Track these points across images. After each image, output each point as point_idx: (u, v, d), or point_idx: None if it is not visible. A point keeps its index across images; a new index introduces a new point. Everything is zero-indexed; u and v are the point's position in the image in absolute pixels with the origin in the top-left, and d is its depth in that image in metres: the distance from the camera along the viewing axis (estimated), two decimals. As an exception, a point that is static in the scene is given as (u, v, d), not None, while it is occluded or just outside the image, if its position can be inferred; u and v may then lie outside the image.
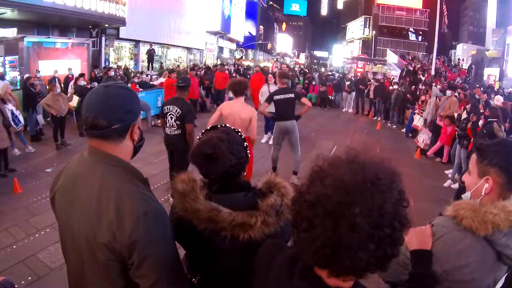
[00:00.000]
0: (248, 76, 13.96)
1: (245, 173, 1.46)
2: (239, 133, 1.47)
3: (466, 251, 1.24)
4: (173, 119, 4.63)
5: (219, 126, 1.48)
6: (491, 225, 1.21)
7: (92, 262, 1.20)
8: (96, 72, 11.47)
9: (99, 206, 1.17)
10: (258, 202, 1.29)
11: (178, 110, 4.60)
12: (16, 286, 2.14)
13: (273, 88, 8.57)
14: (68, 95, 8.21)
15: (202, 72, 14.29)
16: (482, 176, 1.33)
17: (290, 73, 9.64)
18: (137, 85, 10.97)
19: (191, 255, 1.45)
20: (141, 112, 1.44)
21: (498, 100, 8.15)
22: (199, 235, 1.28)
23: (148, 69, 17.00)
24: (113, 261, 1.17)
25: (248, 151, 1.45)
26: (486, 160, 1.32)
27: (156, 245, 1.17)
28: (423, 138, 8.87)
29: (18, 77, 9.89)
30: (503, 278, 1.28)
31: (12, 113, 6.39)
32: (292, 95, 5.77)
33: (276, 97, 5.68)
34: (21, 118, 6.69)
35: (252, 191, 1.38)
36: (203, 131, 1.48)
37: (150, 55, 17.83)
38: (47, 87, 8.96)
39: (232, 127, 1.48)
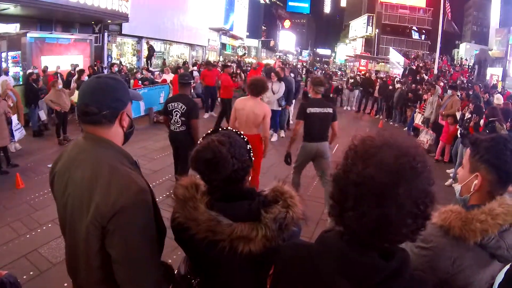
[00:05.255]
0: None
1: (249, 178, 1.39)
2: (241, 135, 1.40)
3: (458, 259, 1.22)
4: (178, 115, 4.65)
5: (219, 129, 1.41)
6: (479, 233, 1.19)
7: (84, 240, 1.28)
8: (95, 68, 11.31)
9: (91, 183, 1.28)
10: (262, 214, 1.22)
11: (183, 107, 4.62)
12: (18, 280, 2.15)
13: (276, 86, 8.30)
14: (70, 90, 8.21)
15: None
16: (473, 171, 1.31)
17: (284, 71, 8.95)
18: (139, 81, 10.94)
19: (191, 258, 1.43)
20: (133, 101, 1.56)
21: (498, 99, 8.12)
22: (198, 243, 1.25)
23: (147, 66, 16.91)
24: (94, 235, 1.26)
25: (252, 154, 1.38)
26: (477, 156, 1.30)
27: (136, 216, 1.25)
28: (427, 138, 8.86)
29: (21, 73, 9.90)
30: (503, 272, 1.26)
31: (11, 123, 6.22)
32: (331, 111, 4.41)
33: (310, 110, 4.36)
34: (16, 134, 6.47)
35: (257, 199, 1.30)
36: (204, 135, 1.41)
37: (148, 52, 17.62)
38: (50, 82, 8.97)
39: (234, 130, 1.41)
